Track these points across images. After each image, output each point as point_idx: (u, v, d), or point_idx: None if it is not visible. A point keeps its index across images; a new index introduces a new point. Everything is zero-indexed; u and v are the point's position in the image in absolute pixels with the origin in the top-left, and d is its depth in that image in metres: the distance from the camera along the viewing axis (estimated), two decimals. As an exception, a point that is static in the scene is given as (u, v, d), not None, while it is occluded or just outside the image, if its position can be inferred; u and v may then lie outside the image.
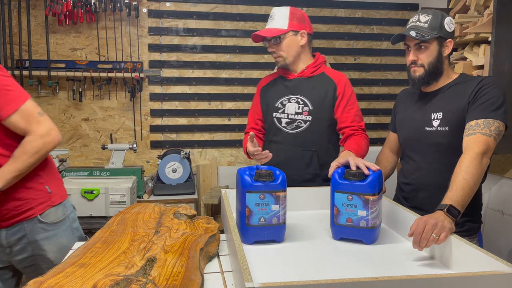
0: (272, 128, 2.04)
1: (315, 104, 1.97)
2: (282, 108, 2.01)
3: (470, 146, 1.45)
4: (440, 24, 1.59)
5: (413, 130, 1.70)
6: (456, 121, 1.57)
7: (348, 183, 1.37)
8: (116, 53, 3.42)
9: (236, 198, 1.47)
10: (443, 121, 1.60)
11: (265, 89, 2.11)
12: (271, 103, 2.04)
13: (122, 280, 0.96)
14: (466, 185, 1.37)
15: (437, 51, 1.61)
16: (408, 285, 0.94)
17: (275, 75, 2.13)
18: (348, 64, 3.74)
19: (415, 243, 1.23)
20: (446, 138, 1.60)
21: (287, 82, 2.03)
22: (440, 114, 1.62)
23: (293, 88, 2.01)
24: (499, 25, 2.27)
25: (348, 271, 1.19)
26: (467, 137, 1.49)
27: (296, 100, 1.99)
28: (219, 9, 3.54)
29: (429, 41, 1.60)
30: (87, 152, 3.46)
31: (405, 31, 1.62)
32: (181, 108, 3.56)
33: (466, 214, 1.44)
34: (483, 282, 0.96)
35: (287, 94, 2.01)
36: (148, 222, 1.41)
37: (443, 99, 1.63)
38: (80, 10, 3.25)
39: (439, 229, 1.21)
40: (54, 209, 1.66)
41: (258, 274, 1.15)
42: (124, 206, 2.60)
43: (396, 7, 3.76)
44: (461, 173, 1.39)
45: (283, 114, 2.01)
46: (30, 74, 3.24)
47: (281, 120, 2.00)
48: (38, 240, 1.62)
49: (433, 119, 1.63)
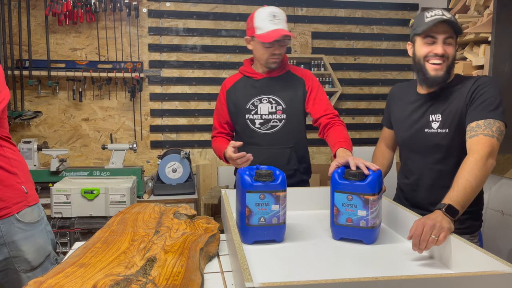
0: (246, 131, 2.02)
1: (287, 102, 2.00)
2: (254, 109, 2.01)
3: (475, 148, 1.44)
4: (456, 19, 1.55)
5: (413, 132, 1.69)
6: (456, 123, 1.57)
7: (348, 183, 1.37)
8: (116, 53, 3.42)
9: (236, 198, 1.47)
10: (443, 123, 1.59)
11: (231, 92, 2.06)
12: (241, 104, 2.02)
13: (122, 280, 0.96)
14: (468, 186, 1.36)
15: (455, 47, 1.58)
16: (408, 285, 0.94)
17: (238, 76, 2.09)
18: (348, 64, 3.74)
19: (415, 245, 1.23)
20: (446, 140, 1.59)
21: (255, 82, 2.03)
22: (439, 116, 1.61)
23: (262, 88, 2.02)
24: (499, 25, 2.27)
25: (348, 271, 1.19)
26: (470, 139, 1.48)
27: (268, 100, 2.01)
28: (219, 9, 3.54)
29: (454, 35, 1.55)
30: (87, 152, 3.46)
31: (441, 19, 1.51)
32: (181, 108, 3.56)
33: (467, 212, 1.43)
34: (483, 282, 0.96)
35: (257, 94, 2.02)
36: (148, 222, 1.41)
37: (441, 101, 1.62)
38: (80, 10, 3.25)
39: (438, 229, 1.21)
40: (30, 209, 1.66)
41: (258, 274, 1.15)
42: (124, 206, 2.60)
43: (396, 7, 3.76)
44: (464, 174, 1.39)
45: (257, 115, 2.01)
46: (30, 74, 3.24)
47: (255, 121, 2.01)
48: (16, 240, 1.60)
49: (432, 121, 1.62)
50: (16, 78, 3.26)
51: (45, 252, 1.68)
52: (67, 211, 2.60)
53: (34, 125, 3.37)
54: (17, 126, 3.33)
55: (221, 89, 2.11)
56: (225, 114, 2.08)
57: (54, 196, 2.59)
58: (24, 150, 2.96)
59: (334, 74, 3.58)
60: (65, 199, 2.60)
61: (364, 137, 3.81)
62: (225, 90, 2.08)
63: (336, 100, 3.61)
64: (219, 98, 2.10)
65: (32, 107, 3.33)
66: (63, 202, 2.60)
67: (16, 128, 3.33)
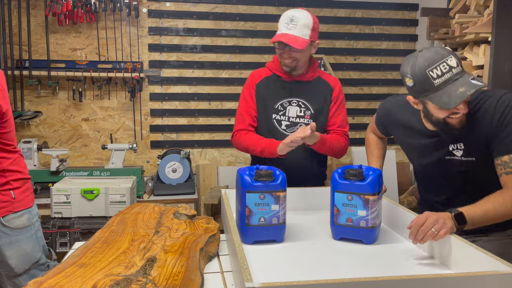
0: (270, 130, 1.99)
1: (316, 108, 1.99)
2: (282, 111, 1.99)
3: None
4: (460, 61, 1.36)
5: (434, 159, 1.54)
6: (482, 151, 1.42)
7: (348, 183, 1.37)
8: (116, 53, 3.42)
9: (236, 198, 1.47)
10: (467, 152, 1.45)
11: (260, 86, 2.01)
12: (270, 104, 1.99)
13: (122, 280, 0.96)
14: (491, 211, 1.30)
15: None
16: (408, 285, 0.94)
17: (267, 72, 2.03)
18: (348, 64, 3.73)
19: (412, 233, 1.21)
20: (473, 168, 1.46)
21: (286, 84, 2.00)
22: (461, 144, 1.45)
23: (292, 91, 2.00)
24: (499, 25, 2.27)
25: (348, 271, 1.19)
26: (506, 176, 1.35)
27: (297, 103, 1.99)
28: (219, 9, 3.54)
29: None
30: (87, 152, 3.46)
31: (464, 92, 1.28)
32: (181, 108, 3.56)
33: None
34: (483, 282, 0.96)
35: (286, 96, 1.99)
36: (148, 222, 1.41)
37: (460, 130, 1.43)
38: (80, 10, 3.25)
39: (440, 225, 1.19)
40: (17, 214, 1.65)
41: (258, 274, 1.15)
42: (124, 206, 2.60)
43: (396, 7, 3.76)
44: (495, 201, 1.31)
45: (284, 117, 1.99)
46: (30, 74, 3.24)
47: (281, 122, 1.99)
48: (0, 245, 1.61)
49: (453, 149, 1.47)
50: (16, 78, 3.26)
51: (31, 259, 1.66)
52: (67, 211, 2.60)
53: (34, 125, 3.38)
54: (17, 126, 3.33)
55: (249, 81, 2.03)
56: (255, 106, 2.01)
57: (54, 196, 2.59)
58: (24, 150, 2.96)
59: (334, 74, 3.58)
60: (65, 199, 2.60)
61: (364, 137, 3.80)
62: (254, 84, 2.01)
63: (336, 100, 3.61)
64: (248, 89, 2.02)
65: (32, 107, 3.33)
66: (63, 202, 2.60)
67: (16, 128, 3.32)
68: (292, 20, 1.87)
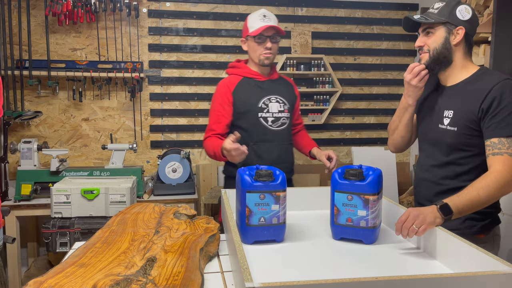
0: (258, 128, 2.14)
1: (289, 103, 2.23)
2: (266, 108, 2.16)
3: (499, 169, 1.40)
4: (451, 10, 1.53)
5: (427, 125, 1.67)
6: (466, 122, 1.51)
7: (348, 183, 1.37)
8: (116, 53, 3.42)
9: (236, 198, 1.47)
10: (453, 121, 1.55)
11: (237, 92, 2.15)
12: (253, 103, 2.15)
13: (122, 280, 0.96)
14: (475, 198, 1.36)
15: (443, 37, 1.55)
16: (408, 285, 0.94)
17: (236, 78, 2.19)
18: (348, 64, 3.74)
19: (397, 230, 1.30)
20: (453, 139, 1.55)
21: (261, 83, 2.19)
22: (451, 112, 1.56)
23: (269, 89, 2.20)
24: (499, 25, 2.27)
25: (348, 271, 1.20)
26: (493, 157, 1.43)
27: (276, 99, 2.19)
28: (219, 9, 3.54)
29: (434, 26, 1.56)
30: (87, 152, 3.46)
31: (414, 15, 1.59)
32: (181, 108, 3.56)
33: None
34: (483, 282, 0.96)
35: (265, 94, 2.18)
36: (148, 222, 1.41)
37: (457, 96, 1.56)
38: (80, 10, 3.24)
39: (420, 221, 1.26)
40: None
41: (258, 274, 1.15)
42: (124, 206, 2.60)
43: (396, 7, 3.76)
44: (478, 187, 1.37)
45: (268, 113, 2.16)
46: (30, 74, 3.24)
47: (267, 119, 2.16)
48: None
49: (445, 116, 1.58)
50: (16, 78, 3.26)
51: None
52: (67, 211, 2.60)
53: (34, 125, 3.38)
54: (17, 126, 3.33)
55: (223, 91, 2.16)
56: (228, 115, 2.15)
57: (54, 196, 2.59)
58: (24, 150, 2.95)
59: (334, 74, 3.58)
60: (65, 199, 2.60)
61: (364, 137, 3.81)
62: (230, 92, 2.15)
63: (336, 100, 3.61)
64: (222, 99, 2.15)
65: (32, 107, 3.33)
66: (63, 202, 2.60)
67: (16, 128, 3.33)
68: (265, 16, 2.13)
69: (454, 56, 1.57)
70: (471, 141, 1.51)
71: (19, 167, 2.94)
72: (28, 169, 2.92)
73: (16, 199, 2.82)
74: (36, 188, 2.87)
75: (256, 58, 2.15)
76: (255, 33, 2.08)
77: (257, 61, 2.15)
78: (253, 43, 2.13)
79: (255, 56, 2.15)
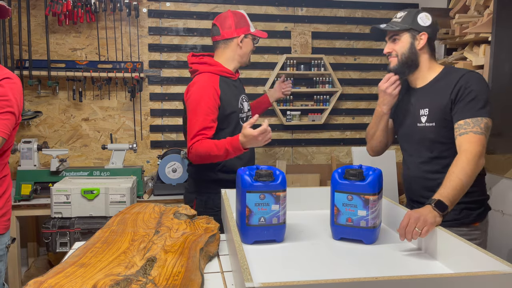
0: (236, 128, 2.05)
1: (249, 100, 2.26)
2: (242, 108, 2.14)
3: (466, 147, 1.50)
4: (413, 18, 1.69)
5: (406, 126, 1.78)
6: (441, 116, 1.64)
7: (348, 183, 1.37)
8: (116, 53, 3.42)
9: (236, 198, 1.47)
10: (430, 117, 1.67)
11: (222, 94, 2.02)
12: (234, 104, 2.07)
13: (122, 280, 0.96)
14: (458, 184, 1.42)
15: (409, 43, 1.69)
16: (408, 285, 0.94)
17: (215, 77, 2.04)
18: (348, 64, 3.73)
19: (401, 235, 1.31)
20: (433, 133, 1.67)
21: (234, 82, 2.14)
22: (427, 110, 1.68)
23: (240, 88, 2.19)
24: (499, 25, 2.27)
25: (348, 271, 1.20)
26: (460, 137, 1.55)
27: (245, 98, 2.20)
28: (219, 9, 3.53)
29: (399, 33, 1.70)
30: (87, 152, 3.46)
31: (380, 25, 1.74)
32: (181, 108, 3.55)
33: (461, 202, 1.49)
34: (483, 282, 0.96)
35: (239, 94, 2.15)
36: (148, 222, 1.41)
37: (428, 95, 1.70)
38: (80, 10, 3.24)
39: (422, 223, 1.28)
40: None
41: (258, 274, 1.15)
42: (124, 206, 2.60)
43: (396, 7, 3.76)
44: (456, 172, 1.45)
45: (244, 114, 2.16)
46: (30, 74, 3.24)
47: (244, 119, 2.14)
48: None
49: (421, 115, 1.70)
50: (16, 78, 3.26)
51: None
52: (67, 211, 2.60)
53: (34, 125, 3.37)
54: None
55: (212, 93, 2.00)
56: (215, 110, 2.00)
57: (54, 196, 2.59)
58: (24, 150, 2.96)
59: (334, 74, 3.58)
60: (65, 199, 2.60)
61: (364, 137, 3.79)
62: (218, 95, 2.01)
63: (336, 100, 3.61)
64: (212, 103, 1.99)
65: (32, 107, 3.33)
66: (63, 202, 2.60)
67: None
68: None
69: (420, 59, 1.71)
70: (449, 133, 1.62)
71: (19, 167, 2.94)
72: (28, 169, 2.92)
73: (16, 199, 2.82)
74: (36, 188, 2.87)
75: (245, 57, 2.11)
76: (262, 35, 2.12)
77: (245, 60, 2.12)
78: (251, 43, 2.11)
79: (245, 55, 2.10)
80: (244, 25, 2.08)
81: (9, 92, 1.47)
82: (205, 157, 1.92)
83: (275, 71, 3.47)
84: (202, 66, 2.09)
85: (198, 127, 1.95)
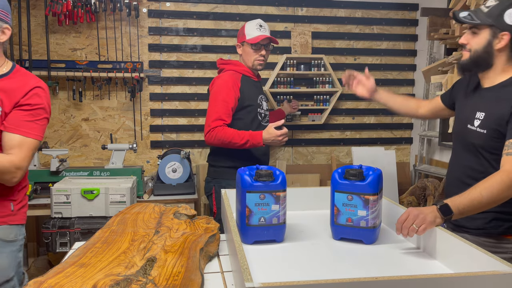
0: (254, 123, 2.38)
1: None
2: (261, 105, 2.45)
3: (507, 168, 1.38)
4: (500, 12, 1.46)
5: (459, 125, 1.66)
6: (495, 125, 1.49)
7: (348, 183, 1.37)
8: (116, 53, 3.42)
9: (236, 198, 1.47)
10: (483, 123, 1.52)
11: (243, 87, 2.36)
12: (253, 99, 2.40)
13: (122, 280, 0.96)
14: (476, 199, 1.34)
15: (486, 40, 1.50)
16: (408, 285, 0.94)
17: (237, 75, 2.38)
18: (348, 64, 3.73)
19: (397, 229, 1.30)
20: (482, 140, 1.53)
21: (255, 83, 2.49)
22: (483, 114, 1.53)
23: (260, 89, 2.54)
24: (499, 25, 2.26)
25: (348, 271, 1.19)
26: (506, 156, 1.41)
27: (264, 98, 2.52)
28: (219, 9, 3.54)
29: (479, 27, 1.50)
30: (87, 152, 3.46)
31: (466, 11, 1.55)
32: (181, 108, 3.56)
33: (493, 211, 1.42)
34: (483, 282, 0.96)
35: (259, 93, 2.48)
36: (148, 222, 1.41)
37: (490, 99, 1.54)
38: (80, 10, 3.24)
39: (420, 220, 1.26)
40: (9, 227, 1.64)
41: (258, 274, 1.15)
42: (124, 206, 2.60)
43: (396, 7, 3.76)
44: (481, 187, 1.36)
45: (262, 110, 2.46)
46: (30, 74, 3.24)
47: (262, 115, 2.45)
48: None
49: (476, 118, 1.56)
50: (16, 78, 3.25)
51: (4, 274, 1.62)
52: (67, 211, 2.60)
53: (34, 125, 3.37)
54: (17, 126, 3.32)
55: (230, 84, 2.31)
56: (234, 109, 2.32)
57: (54, 196, 2.59)
58: (24, 150, 2.95)
59: (334, 74, 3.58)
60: (65, 199, 2.60)
61: (364, 137, 3.81)
62: (238, 87, 2.33)
63: (336, 100, 3.61)
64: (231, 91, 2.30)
65: (32, 107, 3.33)
66: (63, 202, 2.60)
67: (16, 128, 3.33)
68: (261, 26, 2.40)
69: (495, 60, 1.53)
70: (499, 145, 1.46)
71: (19, 167, 2.94)
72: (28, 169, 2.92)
73: (16, 199, 2.82)
74: (36, 188, 2.87)
75: (250, 63, 2.42)
76: (253, 41, 2.35)
77: (251, 65, 2.43)
78: (249, 49, 2.39)
79: (249, 60, 2.42)
80: (240, 34, 2.43)
81: (45, 101, 1.67)
82: (225, 143, 2.24)
83: (275, 71, 3.47)
84: (228, 66, 2.45)
85: (217, 112, 2.28)
